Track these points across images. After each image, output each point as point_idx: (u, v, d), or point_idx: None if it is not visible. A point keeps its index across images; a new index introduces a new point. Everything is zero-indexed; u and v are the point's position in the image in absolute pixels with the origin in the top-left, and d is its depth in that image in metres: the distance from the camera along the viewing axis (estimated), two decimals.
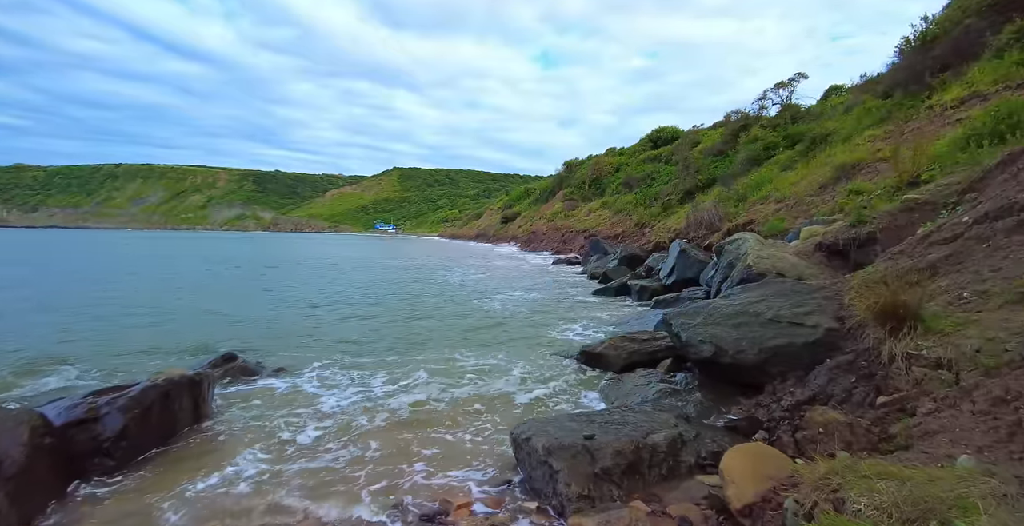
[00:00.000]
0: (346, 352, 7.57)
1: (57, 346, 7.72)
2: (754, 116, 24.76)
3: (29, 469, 3.04)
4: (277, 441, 4.45)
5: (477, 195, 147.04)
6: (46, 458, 3.25)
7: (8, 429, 3.07)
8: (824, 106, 22.10)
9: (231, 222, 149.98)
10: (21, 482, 2.97)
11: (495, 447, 4.33)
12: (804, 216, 11.54)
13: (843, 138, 15.24)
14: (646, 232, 24.26)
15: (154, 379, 4.51)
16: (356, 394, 5.69)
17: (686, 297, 10.14)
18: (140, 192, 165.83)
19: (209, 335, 8.60)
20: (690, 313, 5.53)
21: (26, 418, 3.28)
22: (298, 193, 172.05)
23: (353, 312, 11.28)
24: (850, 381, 3.67)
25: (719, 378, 5.07)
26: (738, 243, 9.04)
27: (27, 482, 3.01)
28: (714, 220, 16.63)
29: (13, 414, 3.26)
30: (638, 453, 3.35)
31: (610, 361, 6.34)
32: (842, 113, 18.13)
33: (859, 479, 1.98)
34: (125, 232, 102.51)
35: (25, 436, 3.12)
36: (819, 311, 4.65)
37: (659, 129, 40.51)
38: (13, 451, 2.98)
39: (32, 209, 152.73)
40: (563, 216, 39.65)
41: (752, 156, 20.82)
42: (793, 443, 3.43)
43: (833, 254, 7.35)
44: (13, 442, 3.02)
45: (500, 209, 67.18)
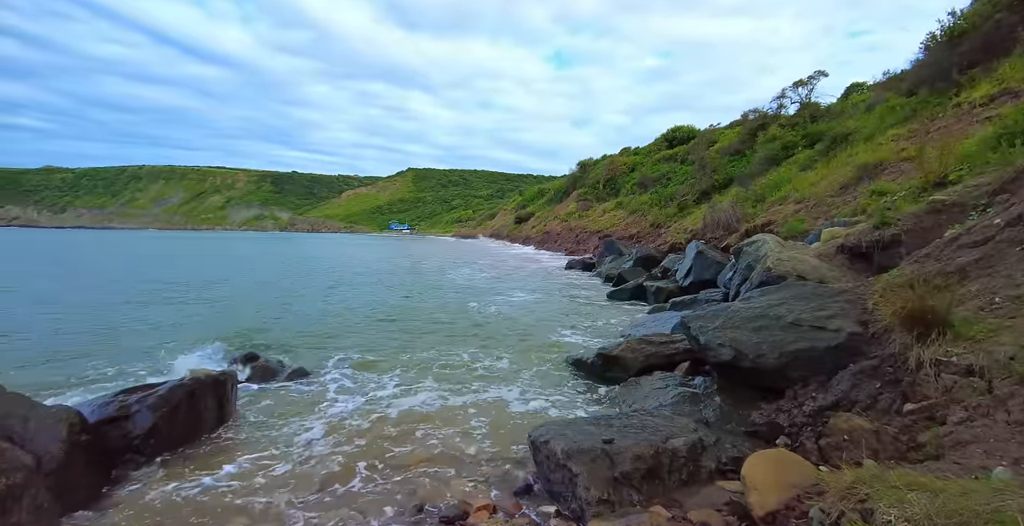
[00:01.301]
0: (363, 352, 7.66)
1: (88, 341, 7.96)
2: (772, 115, 24.37)
3: (68, 464, 3.16)
4: (296, 441, 4.53)
5: (491, 195, 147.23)
6: (82, 454, 3.37)
7: (48, 426, 3.19)
8: (844, 104, 21.65)
9: (249, 222, 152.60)
10: (61, 477, 3.09)
11: (512, 450, 4.35)
12: (825, 217, 11.32)
13: (865, 137, 14.92)
14: (662, 233, 24.04)
15: (181, 378, 4.63)
16: (372, 396, 5.77)
17: (703, 299, 10.03)
18: (162, 193, 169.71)
19: (230, 333, 8.79)
20: (709, 316, 5.48)
21: (64, 416, 3.41)
22: (315, 194, 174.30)
23: (373, 312, 11.41)
24: (875, 387, 3.60)
25: (739, 382, 5.01)
26: (757, 245, 8.91)
27: (66, 477, 3.13)
28: (732, 221, 16.42)
29: (52, 412, 3.39)
30: (658, 458, 3.34)
31: (627, 364, 6.31)
32: (864, 111, 17.74)
33: (888, 489, 1.94)
34: (147, 232, 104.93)
35: (64, 433, 3.24)
36: (842, 315, 4.57)
37: (675, 128, 40.10)
38: (53, 447, 3.10)
39: (61, 210, 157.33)
40: (577, 216, 39.50)
41: (770, 155, 20.50)
42: (817, 450, 3.38)
43: (855, 257, 7.20)
44: (53, 439, 3.14)
45: (514, 209, 67.19)
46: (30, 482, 2.80)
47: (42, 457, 3.01)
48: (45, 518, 2.79)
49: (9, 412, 3.12)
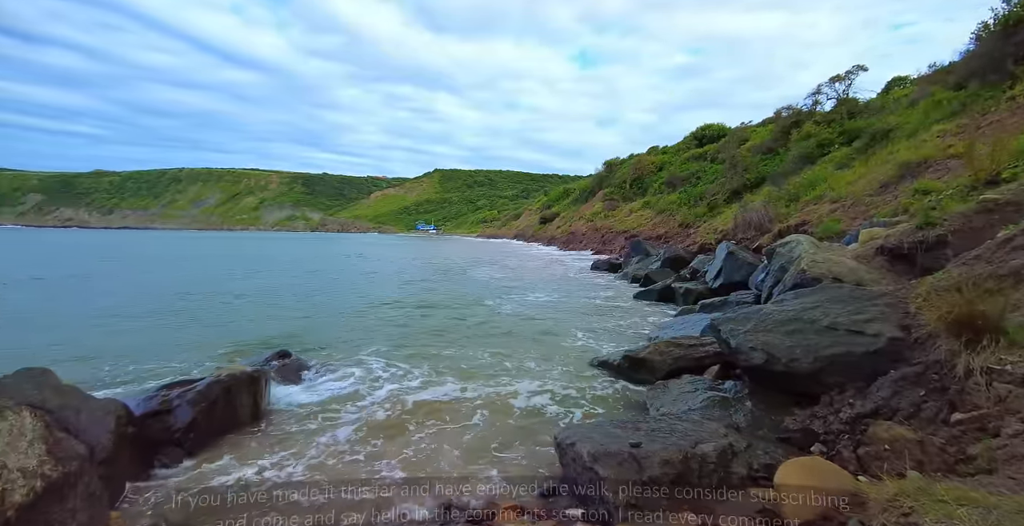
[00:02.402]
0: (391, 350, 7.79)
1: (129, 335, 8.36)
2: (807, 111, 23.57)
3: (116, 455, 3.33)
4: (326, 436, 4.63)
5: (516, 196, 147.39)
6: (129, 445, 3.55)
7: (98, 418, 3.37)
8: (885, 100, 20.78)
9: (282, 222, 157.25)
10: (110, 466, 3.26)
11: (538, 451, 4.34)
12: (863, 217, 10.89)
13: (908, 133, 14.27)
14: (691, 233, 23.58)
15: (217, 375, 4.81)
16: (398, 392, 5.86)
17: (734, 301, 9.79)
18: (200, 194, 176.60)
19: (263, 332, 9.08)
20: (740, 319, 5.35)
21: (112, 408, 3.60)
22: (344, 195, 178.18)
23: (402, 309, 11.59)
24: (919, 395, 3.45)
25: (771, 387, 4.88)
26: (791, 246, 8.65)
27: (115, 466, 3.30)
28: (764, 221, 15.97)
29: (102, 404, 3.58)
30: (687, 463, 3.27)
31: (655, 366, 6.22)
32: (906, 107, 16.97)
33: (935, 503, 1.86)
34: (186, 233, 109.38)
35: (112, 425, 3.43)
36: (881, 319, 4.40)
37: (704, 126, 39.29)
38: (103, 438, 3.28)
39: (108, 211, 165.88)
40: (603, 216, 39.14)
41: (805, 153, 19.84)
42: (855, 459, 3.25)
43: (896, 258, 6.89)
44: (103, 430, 3.32)
45: (539, 209, 67.09)
46: (83, 470, 2.97)
47: (94, 447, 3.18)
48: (97, 505, 2.94)
49: (64, 404, 3.31)
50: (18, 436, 2.76)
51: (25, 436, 2.80)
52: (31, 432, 2.84)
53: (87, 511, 2.90)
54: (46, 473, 2.76)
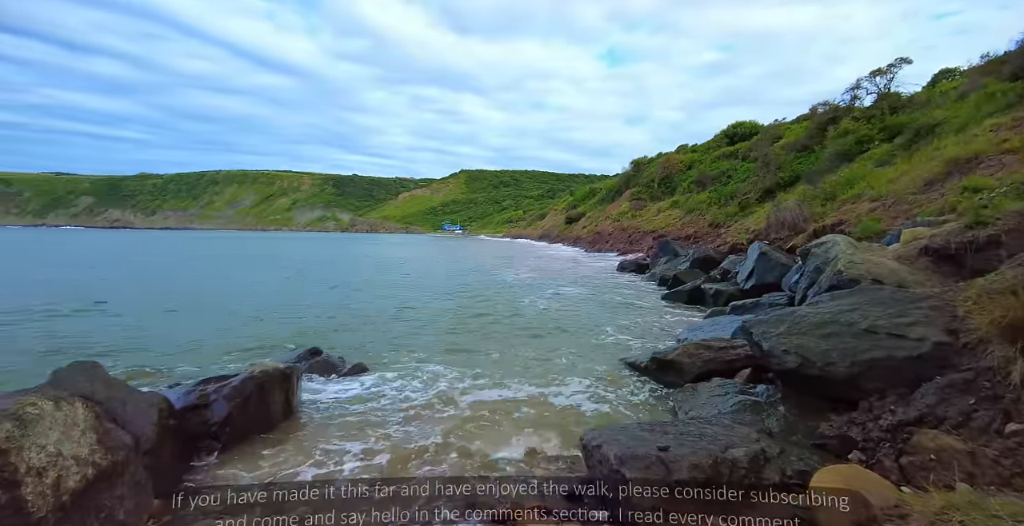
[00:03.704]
0: (419, 349, 7.91)
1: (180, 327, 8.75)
2: (845, 107, 22.66)
3: (158, 446, 3.49)
4: (354, 433, 4.73)
5: (541, 196, 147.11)
6: (170, 437, 3.71)
7: (142, 410, 3.54)
8: (931, 93, 19.78)
9: (313, 223, 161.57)
10: (153, 456, 3.42)
11: (563, 452, 4.32)
12: (905, 216, 10.41)
13: (956, 128, 13.55)
14: (721, 233, 23.03)
15: (251, 371, 4.96)
16: (424, 390, 5.95)
17: (766, 303, 9.51)
18: (235, 196, 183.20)
19: (295, 329, 9.34)
20: (772, 321, 5.19)
21: (155, 401, 3.77)
22: (373, 196, 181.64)
23: (429, 309, 11.74)
24: (968, 403, 3.27)
25: (805, 391, 4.72)
26: (827, 246, 8.35)
27: (157, 457, 3.47)
28: (798, 220, 15.46)
29: (145, 397, 3.76)
30: (716, 467, 3.20)
31: (683, 369, 6.10)
32: (955, 100, 16.12)
33: (988, 518, 1.76)
34: (223, 233, 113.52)
35: (155, 417, 3.59)
36: (925, 322, 4.19)
37: (736, 124, 38.32)
38: (147, 430, 3.45)
39: (151, 212, 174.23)
40: (630, 216, 38.63)
41: (842, 151, 19.09)
42: (897, 468, 3.11)
43: (942, 259, 6.56)
44: (147, 422, 3.49)
45: (564, 209, 66.75)
46: (130, 460, 3.13)
47: (139, 438, 3.35)
48: (142, 493, 3.10)
49: (112, 396, 3.49)
50: (71, 426, 2.93)
51: (78, 426, 2.96)
52: (83, 422, 3.01)
53: (133, 499, 3.05)
54: (96, 461, 2.92)
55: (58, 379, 3.48)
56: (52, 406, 2.89)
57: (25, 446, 2.60)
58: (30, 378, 4.69)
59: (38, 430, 2.72)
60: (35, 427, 2.71)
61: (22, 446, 2.58)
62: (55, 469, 2.69)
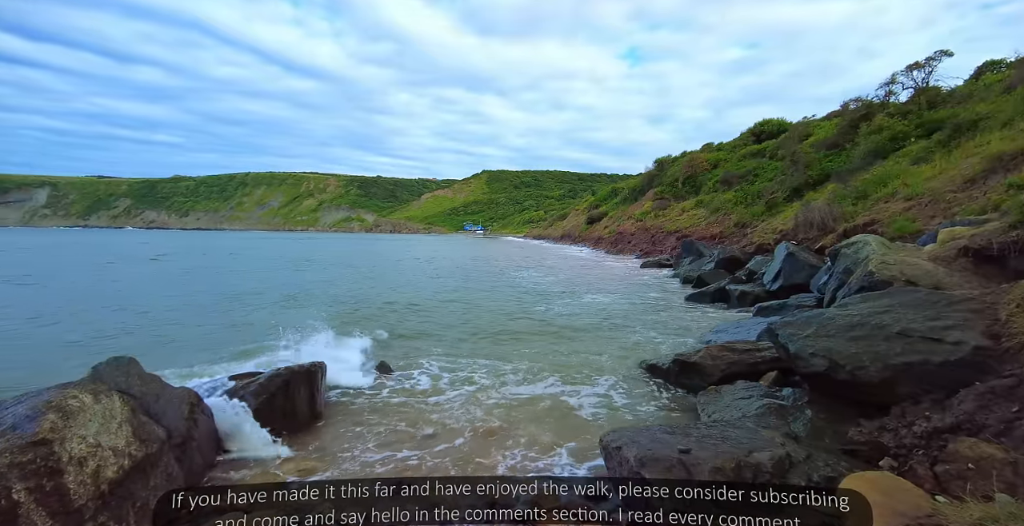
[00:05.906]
0: (444, 348, 7.99)
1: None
2: (878, 103, 21.84)
3: (189, 440, 3.63)
4: (378, 431, 4.81)
5: (562, 196, 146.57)
6: (199, 431, 3.84)
7: (174, 405, 3.68)
8: (974, 86, 18.88)
9: (339, 224, 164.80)
10: (184, 449, 3.55)
11: (583, 453, 4.31)
12: (943, 216, 10.01)
13: (1001, 123, 12.93)
14: (747, 233, 22.51)
15: (277, 368, 5.10)
16: (446, 391, 6.01)
17: (794, 305, 9.28)
18: (264, 197, 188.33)
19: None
20: (800, 323, 5.07)
21: (186, 396, 3.92)
22: (396, 196, 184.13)
23: (456, 308, 11.85)
24: (1011, 411, 3.13)
25: (833, 395, 4.60)
26: (857, 246, 8.11)
27: (188, 450, 3.60)
28: (827, 220, 14.99)
29: (177, 391, 3.91)
30: (739, 471, 3.14)
31: (706, 371, 5.99)
32: (1000, 93, 15.37)
33: None
34: (253, 232, 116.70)
35: (186, 412, 3.73)
36: (964, 326, 4.03)
37: (763, 122, 37.39)
38: (179, 424, 3.58)
39: (184, 214, 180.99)
40: (653, 216, 38.07)
41: (875, 148, 18.40)
42: (931, 476, 3.00)
43: (983, 260, 6.28)
44: (178, 416, 3.63)
45: (586, 209, 66.28)
46: (163, 452, 3.26)
47: (171, 431, 3.48)
48: (174, 485, 3.22)
49: (146, 390, 3.64)
50: (110, 418, 3.07)
51: (115, 418, 3.10)
52: (120, 415, 3.15)
53: (166, 490, 3.17)
54: (132, 453, 3.05)
55: (97, 373, 3.64)
56: (92, 399, 3.04)
57: (67, 437, 2.74)
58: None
59: (79, 421, 2.86)
60: (76, 419, 2.85)
61: (64, 437, 2.72)
62: (95, 459, 2.82)
